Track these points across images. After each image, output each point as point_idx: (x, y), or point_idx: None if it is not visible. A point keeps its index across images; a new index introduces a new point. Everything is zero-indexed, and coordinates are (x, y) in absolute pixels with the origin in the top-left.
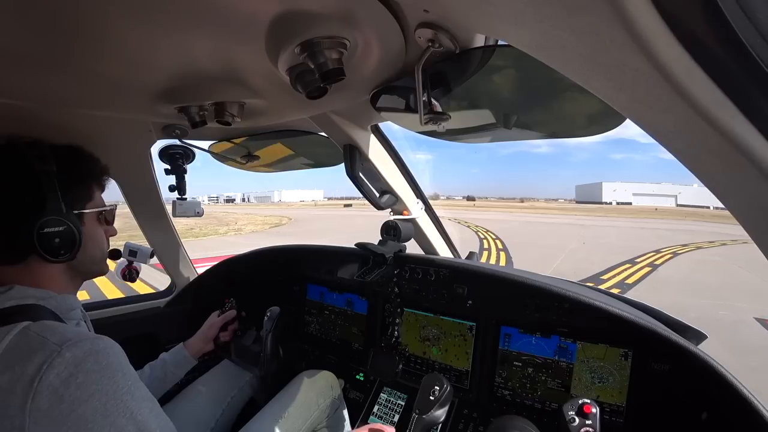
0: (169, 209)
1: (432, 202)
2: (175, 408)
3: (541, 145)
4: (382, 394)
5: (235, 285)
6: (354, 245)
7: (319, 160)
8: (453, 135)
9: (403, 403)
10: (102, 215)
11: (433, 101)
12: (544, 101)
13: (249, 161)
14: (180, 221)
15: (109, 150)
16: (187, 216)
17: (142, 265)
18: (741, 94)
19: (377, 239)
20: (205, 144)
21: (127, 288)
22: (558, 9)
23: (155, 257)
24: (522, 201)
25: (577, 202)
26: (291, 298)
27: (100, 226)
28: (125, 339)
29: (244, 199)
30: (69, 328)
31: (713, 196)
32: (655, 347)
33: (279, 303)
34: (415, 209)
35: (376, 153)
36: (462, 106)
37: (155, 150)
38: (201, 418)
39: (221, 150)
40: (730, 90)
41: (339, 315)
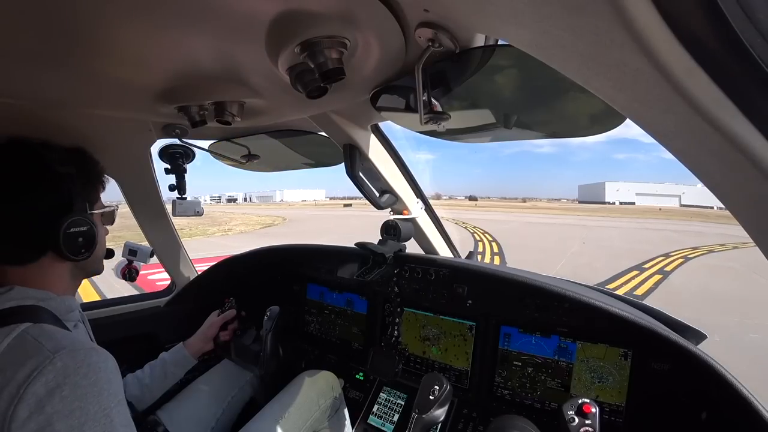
0: (169, 209)
1: (434, 202)
2: (176, 407)
3: (544, 145)
4: (381, 393)
5: (235, 284)
6: (354, 245)
7: (319, 159)
8: (453, 135)
9: (403, 403)
10: (105, 215)
11: (433, 101)
12: (543, 101)
13: (249, 161)
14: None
15: (109, 149)
16: (187, 215)
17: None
18: (741, 94)
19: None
20: (205, 143)
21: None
22: (558, 9)
23: (155, 256)
24: (524, 201)
25: (580, 202)
26: (291, 297)
27: (102, 225)
28: (125, 338)
29: (246, 199)
30: (67, 334)
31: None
32: (655, 347)
33: (279, 302)
34: (415, 209)
35: (376, 152)
36: (462, 105)
37: (155, 149)
38: (201, 417)
39: (221, 149)
40: (730, 90)
41: (339, 314)
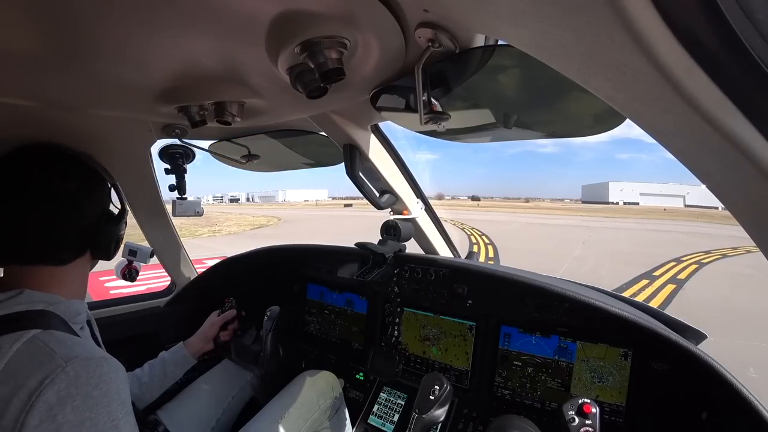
0: (169, 209)
1: (437, 202)
2: (176, 407)
3: (547, 145)
4: (382, 393)
5: (235, 284)
6: (354, 245)
7: (319, 159)
8: (453, 135)
9: (403, 403)
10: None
11: (433, 101)
12: (543, 100)
13: (249, 161)
14: None
15: (109, 149)
16: (187, 215)
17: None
18: (741, 94)
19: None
20: (205, 144)
21: None
22: (558, 9)
23: (155, 256)
24: (527, 201)
25: (584, 202)
26: (291, 297)
27: None
28: (125, 338)
29: (248, 199)
30: (78, 341)
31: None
32: (655, 347)
33: (279, 302)
34: (415, 209)
35: (376, 153)
36: (462, 105)
37: (155, 149)
38: (202, 417)
39: (221, 150)
40: (730, 90)
41: (339, 314)
